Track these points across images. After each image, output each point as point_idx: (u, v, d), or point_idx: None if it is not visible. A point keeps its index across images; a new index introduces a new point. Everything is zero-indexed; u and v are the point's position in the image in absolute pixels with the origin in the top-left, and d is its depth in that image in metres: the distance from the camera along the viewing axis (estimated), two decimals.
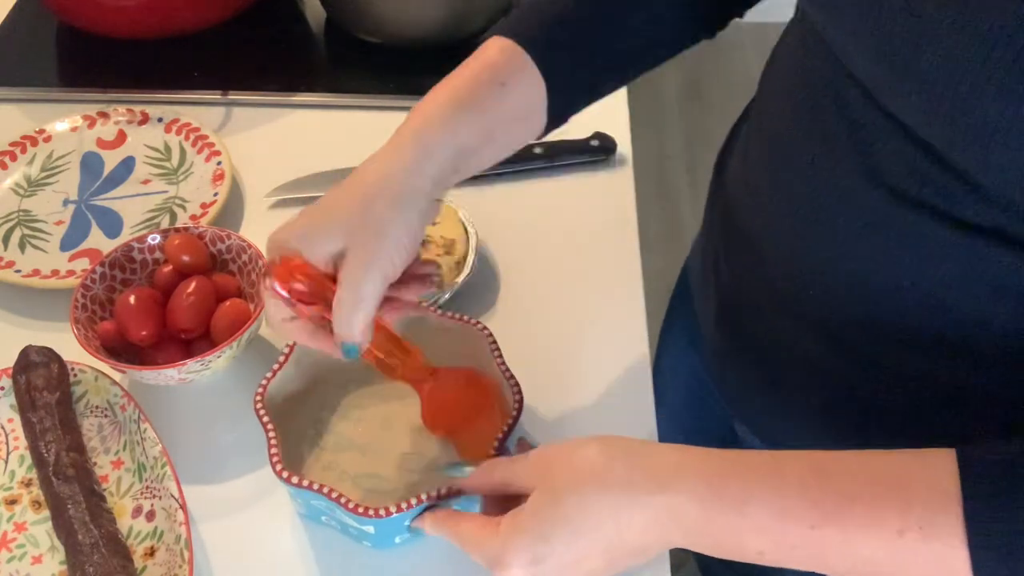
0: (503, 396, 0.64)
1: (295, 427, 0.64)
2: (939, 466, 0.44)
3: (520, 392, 0.62)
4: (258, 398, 0.61)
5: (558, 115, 0.60)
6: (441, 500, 0.57)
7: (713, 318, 0.70)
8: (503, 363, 0.64)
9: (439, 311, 0.67)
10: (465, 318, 0.66)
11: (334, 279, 0.54)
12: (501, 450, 0.59)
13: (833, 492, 0.45)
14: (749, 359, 0.65)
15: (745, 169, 0.64)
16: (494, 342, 0.65)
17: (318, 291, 0.54)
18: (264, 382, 0.62)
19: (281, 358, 0.63)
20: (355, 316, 0.53)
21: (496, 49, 0.58)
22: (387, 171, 0.54)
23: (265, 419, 0.60)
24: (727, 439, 0.80)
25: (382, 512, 0.56)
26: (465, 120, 0.55)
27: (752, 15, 0.67)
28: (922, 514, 0.43)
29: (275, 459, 0.58)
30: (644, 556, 0.50)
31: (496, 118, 0.57)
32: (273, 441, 0.59)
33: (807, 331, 0.59)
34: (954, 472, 0.43)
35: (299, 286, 0.54)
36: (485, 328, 0.65)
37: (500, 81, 0.56)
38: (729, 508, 0.46)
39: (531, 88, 0.58)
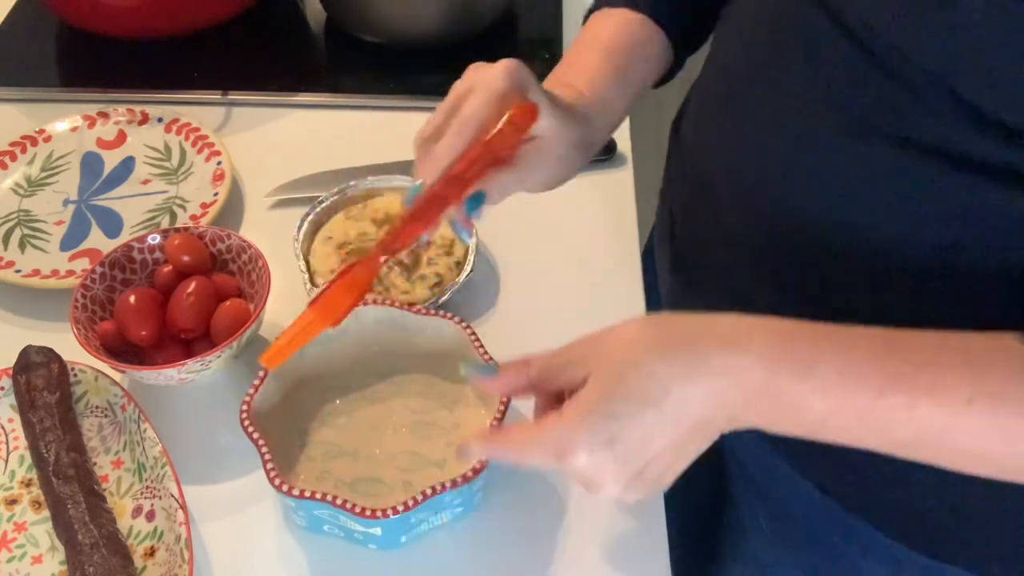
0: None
1: (282, 440, 0.64)
2: (1010, 343, 0.44)
3: None
4: (244, 416, 0.60)
5: (678, 67, 0.69)
6: (443, 492, 0.57)
7: (669, 268, 0.70)
8: (487, 354, 0.64)
9: (415, 309, 0.67)
10: (441, 313, 0.66)
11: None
12: None
13: (902, 360, 0.44)
14: (704, 308, 0.65)
15: (702, 110, 0.64)
16: (472, 333, 0.65)
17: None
18: (247, 398, 0.61)
19: (261, 373, 0.63)
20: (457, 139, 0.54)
21: (636, 23, 0.65)
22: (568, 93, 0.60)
23: (255, 435, 0.60)
24: None
25: (389, 512, 0.56)
26: (619, 92, 0.63)
27: None
28: (993, 384, 0.43)
29: (272, 473, 0.58)
30: (708, 434, 0.48)
31: (637, 87, 0.65)
32: (267, 456, 0.59)
33: (765, 280, 0.58)
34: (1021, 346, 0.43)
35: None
36: (462, 321, 0.65)
37: (644, 57, 0.65)
38: (795, 371, 0.45)
39: (664, 55, 0.66)
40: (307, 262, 0.75)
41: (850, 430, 0.46)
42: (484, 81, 0.55)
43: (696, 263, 0.67)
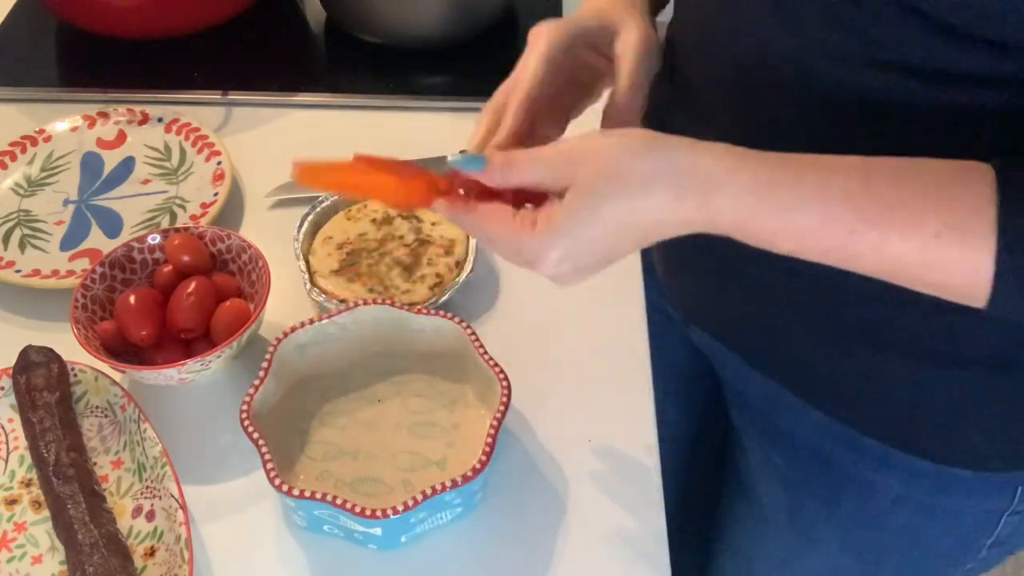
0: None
1: (282, 440, 0.64)
2: (980, 177, 0.45)
3: (507, 382, 0.62)
4: (244, 416, 0.60)
5: None
6: (443, 492, 0.57)
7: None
8: (487, 354, 0.64)
9: (415, 309, 0.67)
10: (441, 313, 0.66)
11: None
12: (494, 445, 0.59)
13: (876, 199, 0.46)
14: (697, 254, 0.67)
15: (692, 17, 0.64)
16: (473, 333, 0.65)
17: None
18: (247, 398, 0.61)
19: (261, 373, 0.63)
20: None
21: None
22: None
23: (255, 436, 0.60)
24: (689, 365, 0.85)
25: (389, 512, 0.56)
26: None
27: None
28: (958, 216, 0.45)
29: (272, 474, 0.58)
30: (667, 234, 0.50)
31: None
32: (267, 456, 0.59)
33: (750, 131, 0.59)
34: (993, 182, 0.45)
35: None
36: (463, 321, 0.65)
37: None
38: (771, 216, 0.47)
39: None
40: (307, 262, 0.75)
41: (811, 258, 0.48)
42: (532, 44, 0.57)
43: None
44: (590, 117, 0.62)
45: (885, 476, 0.68)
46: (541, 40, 0.57)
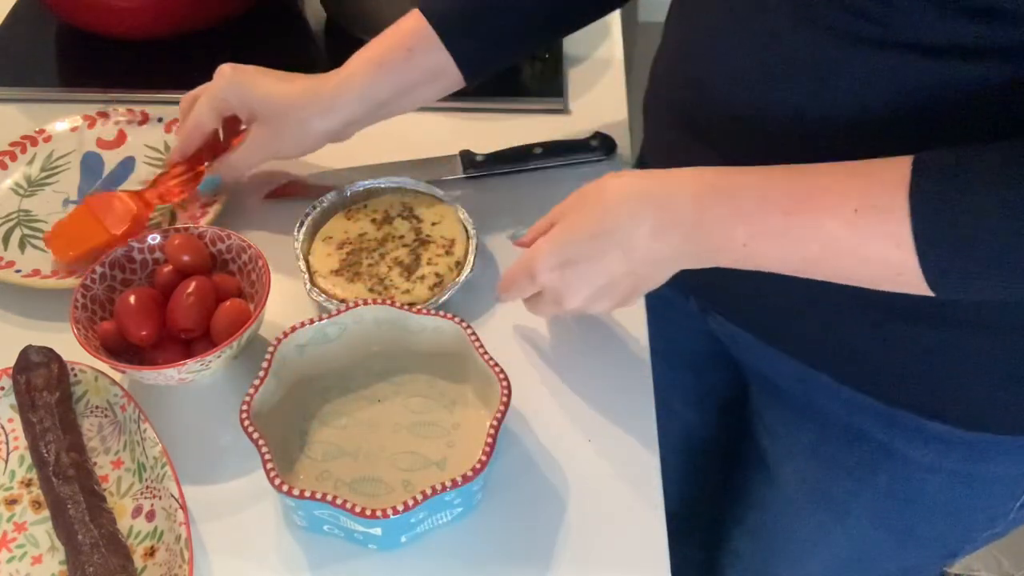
0: None
1: (282, 439, 0.64)
2: (900, 162, 0.51)
3: (507, 382, 0.62)
4: (244, 415, 0.60)
5: (471, 76, 0.74)
6: (443, 492, 0.57)
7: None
8: (486, 354, 0.64)
9: (415, 309, 0.67)
10: (441, 313, 0.66)
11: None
12: (494, 445, 0.59)
13: (807, 184, 0.53)
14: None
15: (689, 19, 0.68)
16: (473, 333, 0.65)
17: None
18: (247, 398, 0.61)
19: (261, 372, 0.63)
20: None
21: (411, 20, 0.73)
22: (312, 91, 0.74)
23: (255, 435, 0.59)
24: (695, 358, 0.89)
25: (389, 512, 0.56)
26: (377, 79, 0.72)
27: None
28: (876, 194, 0.51)
29: (272, 473, 0.58)
30: (658, 267, 0.59)
31: (406, 78, 0.73)
32: (267, 456, 0.59)
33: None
34: (909, 164, 0.50)
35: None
36: (463, 321, 0.65)
37: (407, 47, 0.72)
38: (720, 203, 0.55)
39: (438, 54, 0.72)
40: (307, 261, 0.75)
41: (770, 252, 0.55)
42: (207, 90, 0.75)
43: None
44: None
45: (918, 447, 0.68)
46: (214, 83, 0.75)
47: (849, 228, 0.51)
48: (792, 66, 0.57)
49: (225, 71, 0.73)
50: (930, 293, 0.52)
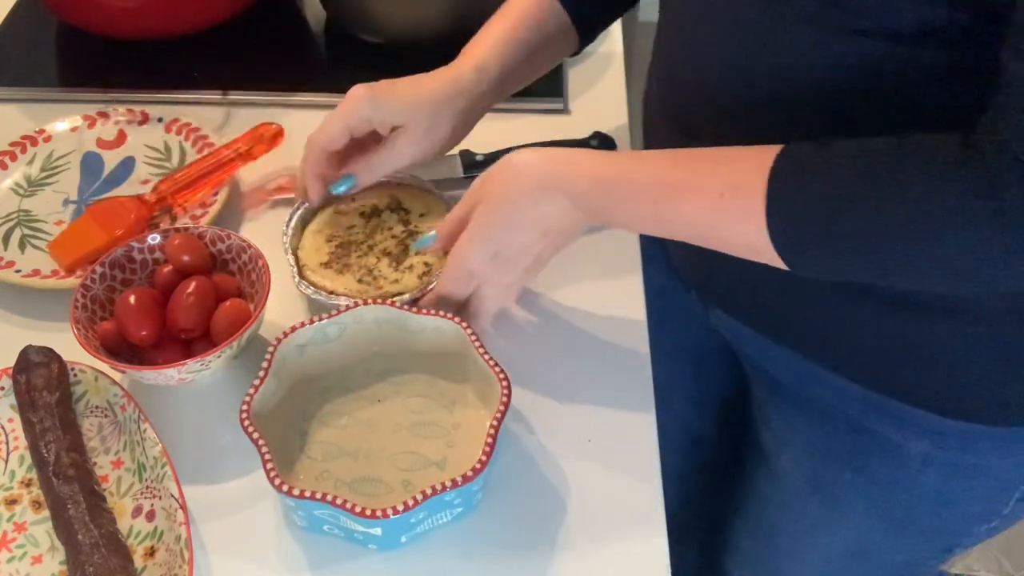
0: None
1: (282, 439, 0.64)
2: (770, 151, 0.54)
3: (507, 382, 0.62)
4: (244, 415, 0.60)
5: (585, 37, 0.78)
6: (443, 492, 0.57)
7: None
8: (486, 353, 0.64)
9: (415, 309, 0.67)
10: (441, 313, 0.66)
11: None
12: (494, 445, 0.59)
13: (682, 172, 0.58)
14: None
15: (669, 17, 0.70)
16: (473, 333, 0.65)
17: None
18: (248, 398, 0.61)
19: (261, 372, 0.63)
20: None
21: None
22: (455, 81, 0.73)
23: (255, 435, 0.59)
24: (696, 352, 0.91)
25: (389, 512, 0.56)
26: (509, 51, 0.73)
27: None
28: (739, 180, 0.55)
29: (272, 473, 0.58)
30: (572, 234, 0.66)
31: (534, 47, 0.74)
32: (267, 456, 0.59)
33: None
34: (777, 150, 0.54)
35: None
36: (463, 321, 0.65)
37: (535, 17, 0.74)
38: (602, 193, 0.61)
39: (559, 17, 0.75)
40: (296, 256, 0.75)
41: (646, 230, 0.65)
42: (338, 112, 0.72)
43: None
44: None
45: (913, 437, 0.69)
46: (347, 102, 0.71)
47: (712, 212, 0.57)
48: (765, 56, 0.58)
49: (359, 91, 0.71)
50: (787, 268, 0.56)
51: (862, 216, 0.51)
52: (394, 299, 0.68)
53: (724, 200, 0.55)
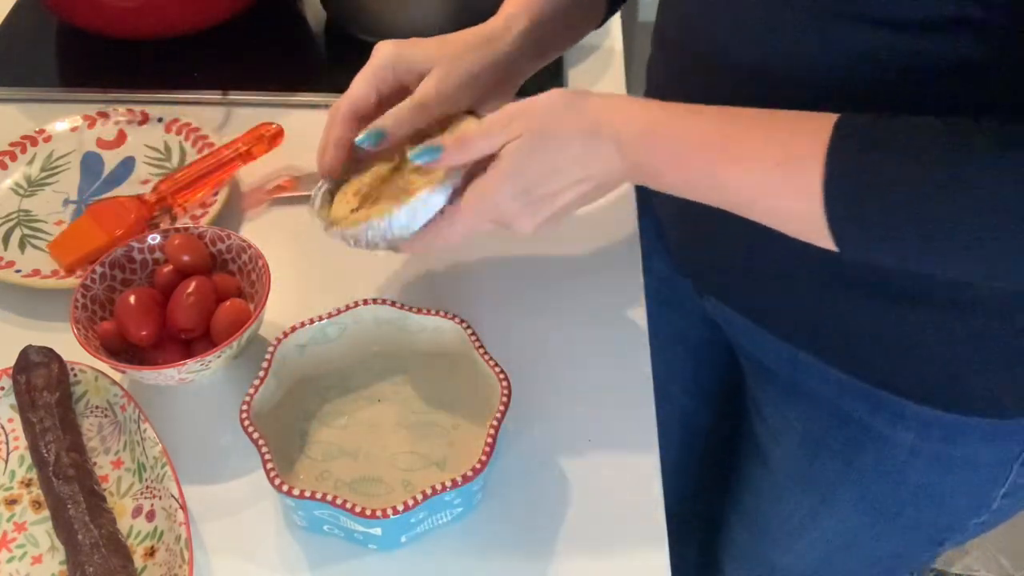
0: None
1: (282, 439, 0.64)
2: (825, 120, 0.52)
3: (507, 382, 0.62)
4: (244, 415, 0.60)
5: (610, 6, 0.77)
6: (443, 492, 0.57)
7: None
8: (486, 353, 0.64)
9: (415, 309, 0.67)
10: (442, 312, 0.66)
11: None
12: (494, 445, 0.59)
13: (730, 132, 0.56)
14: (710, 222, 0.70)
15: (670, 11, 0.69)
16: (473, 333, 0.65)
17: None
18: (248, 398, 0.61)
19: (261, 372, 0.63)
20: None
21: None
22: (474, 29, 0.71)
23: (255, 435, 0.60)
24: (696, 344, 0.90)
25: (389, 512, 0.56)
26: (540, 10, 0.71)
27: None
28: (797, 150, 0.53)
29: (272, 473, 0.58)
30: (608, 187, 0.61)
31: (562, 9, 0.72)
32: (267, 456, 0.59)
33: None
34: (833, 120, 0.52)
35: None
36: (463, 321, 0.65)
37: None
38: (649, 150, 0.58)
39: None
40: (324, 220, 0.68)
41: (696, 193, 0.59)
42: (363, 71, 0.68)
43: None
44: None
45: (900, 429, 0.69)
46: (372, 59, 0.67)
47: (767, 182, 0.54)
48: (768, 47, 0.58)
49: (384, 45, 0.68)
50: (834, 247, 0.54)
51: (926, 201, 0.50)
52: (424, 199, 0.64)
53: (780, 170, 0.53)
